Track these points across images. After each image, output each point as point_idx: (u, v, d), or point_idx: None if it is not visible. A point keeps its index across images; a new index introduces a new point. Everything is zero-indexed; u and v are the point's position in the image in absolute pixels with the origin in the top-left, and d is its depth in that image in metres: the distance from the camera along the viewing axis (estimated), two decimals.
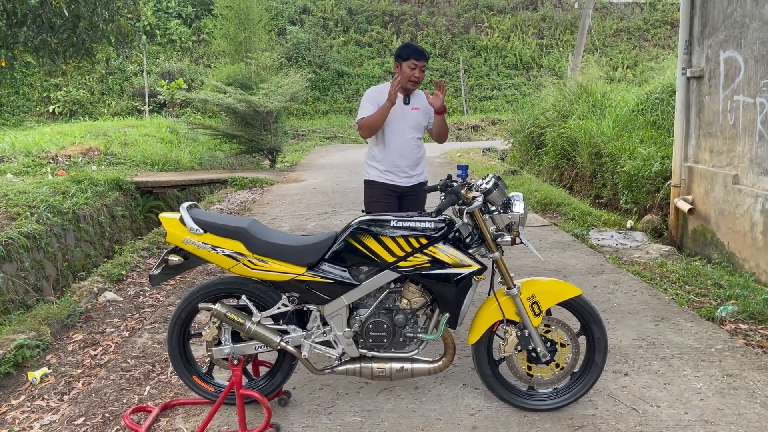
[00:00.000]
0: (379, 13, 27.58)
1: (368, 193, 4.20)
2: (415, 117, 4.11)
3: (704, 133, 5.90)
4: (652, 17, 27.61)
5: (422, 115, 4.15)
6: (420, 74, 3.98)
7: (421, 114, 4.14)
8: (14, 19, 6.98)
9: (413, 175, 4.15)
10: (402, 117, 4.06)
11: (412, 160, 4.11)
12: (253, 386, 3.08)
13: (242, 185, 10.84)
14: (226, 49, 21.43)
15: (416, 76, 3.96)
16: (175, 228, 2.91)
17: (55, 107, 21.34)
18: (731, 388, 3.21)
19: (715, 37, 5.63)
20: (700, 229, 5.96)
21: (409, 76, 3.95)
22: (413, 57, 3.94)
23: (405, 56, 3.96)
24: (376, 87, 4.19)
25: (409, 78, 3.95)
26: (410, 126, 4.10)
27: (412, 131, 4.12)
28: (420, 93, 4.20)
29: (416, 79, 3.97)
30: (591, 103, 10.84)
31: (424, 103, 4.15)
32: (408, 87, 4.01)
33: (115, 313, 4.97)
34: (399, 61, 4.02)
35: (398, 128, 4.06)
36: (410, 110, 4.09)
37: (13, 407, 3.50)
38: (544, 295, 2.93)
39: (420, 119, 4.14)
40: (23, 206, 6.66)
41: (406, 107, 4.08)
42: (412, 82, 3.98)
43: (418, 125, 4.14)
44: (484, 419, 2.98)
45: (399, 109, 4.06)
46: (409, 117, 4.09)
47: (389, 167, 4.08)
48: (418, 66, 3.95)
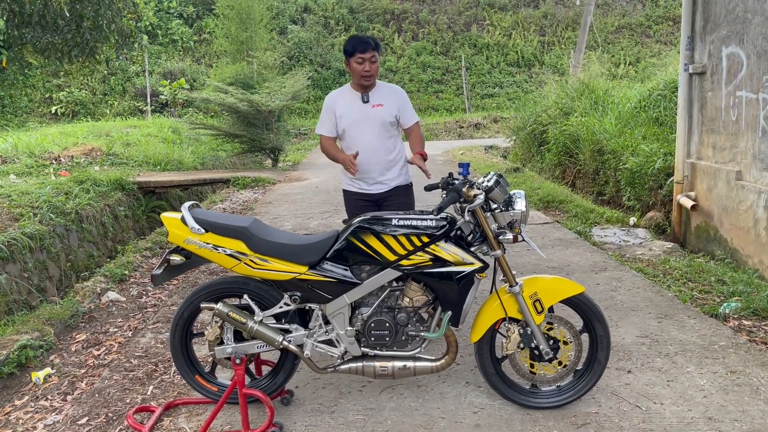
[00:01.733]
0: (380, 12, 27.57)
1: (345, 203, 3.98)
2: (379, 115, 3.70)
3: (707, 130, 5.88)
4: (653, 13, 27.54)
5: (387, 111, 3.72)
6: (371, 66, 3.59)
7: (385, 110, 3.71)
8: (19, 19, 7.00)
9: (384, 181, 3.79)
10: (362, 119, 3.69)
11: (381, 164, 3.75)
12: (256, 385, 3.08)
13: (244, 185, 10.85)
14: (227, 49, 21.45)
15: (366, 70, 3.58)
16: (176, 228, 2.91)
17: (57, 108, 21.38)
18: (735, 384, 3.20)
19: (718, 32, 5.61)
20: (703, 225, 5.94)
21: (359, 72, 3.59)
22: (359, 50, 3.57)
23: (350, 51, 3.60)
24: (333, 93, 3.83)
25: (360, 74, 3.60)
26: (374, 127, 3.70)
27: (378, 131, 3.71)
28: (382, 85, 3.80)
29: (367, 73, 3.60)
30: (593, 100, 10.82)
31: (388, 97, 3.74)
32: (362, 83, 3.66)
33: (118, 313, 4.98)
34: (347, 57, 3.66)
35: (359, 132, 3.70)
36: (371, 108, 3.69)
37: (16, 407, 3.51)
38: (547, 292, 2.92)
39: (385, 116, 3.71)
40: (26, 207, 6.68)
41: (366, 106, 3.69)
42: (364, 77, 3.61)
43: (383, 123, 3.72)
44: (487, 417, 2.97)
45: (357, 109, 3.70)
46: (371, 117, 3.70)
47: (358, 174, 3.72)
48: (366, 58, 3.57)
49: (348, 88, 3.80)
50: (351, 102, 3.74)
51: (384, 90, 3.79)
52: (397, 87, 3.89)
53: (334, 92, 3.84)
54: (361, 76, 3.62)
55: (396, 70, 25.54)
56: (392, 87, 3.86)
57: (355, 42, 3.62)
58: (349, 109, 3.72)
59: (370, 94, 3.72)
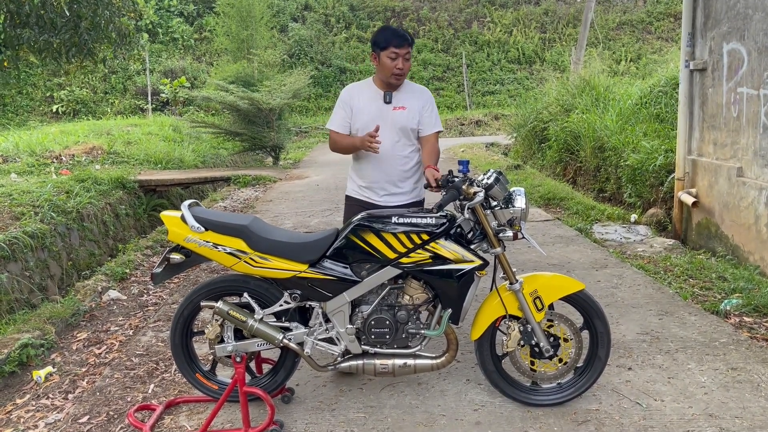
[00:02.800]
0: (380, 9, 27.52)
1: (346, 210, 3.59)
2: (400, 119, 3.35)
3: (708, 126, 5.87)
4: (655, 10, 27.47)
5: (409, 115, 3.36)
6: (404, 64, 3.26)
7: (407, 115, 3.35)
8: (17, 19, 7.00)
9: (396, 193, 3.44)
10: (381, 120, 3.31)
11: (394, 174, 3.40)
12: (256, 383, 3.09)
13: (245, 183, 10.85)
14: (228, 47, 21.41)
15: (399, 67, 3.25)
16: (176, 226, 2.91)
17: (58, 107, 21.38)
18: (736, 381, 3.20)
19: (718, 29, 5.59)
20: (704, 222, 5.93)
21: (390, 68, 3.25)
22: (393, 44, 3.23)
23: (383, 44, 3.25)
24: (353, 86, 3.51)
25: (392, 71, 3.26)
26: (393, 131, 3.34)
27: (396, 137, 3.36)
28: (409, 85, 3.45)
29: (399, 71, 3.26)
30: (594, 96, 10.80)
31: (413, 100, 3.39)
32: (391, 82, 3.32)
33: (119, 312, 4.99)
34: (376, 50, 3.30)
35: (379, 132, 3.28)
36: (392, 110, 3.34)
37: (18, 406, 3.52)
38: (547, 290, 2.92)
39: (406, 121, 3.36)
40: (27, 206, 6.68)
41: (387, 107, 3.35)
42: (396, 75, 3.27)
43: (404, 129, 3.37)
44: (488, 415, 2.97)
45: (376, 109, 3.35)
46: (391, 120, 3.34)
47: (367, 182, 3.46)
48: (400, 54, 3.24)
49: (369, 83, 3.45)
50: (371, 99, 3.39)
51: (410, 91, 3.43)
52: (425, 89, 3.54)
53: (353, 85, 3.52)
54: (392, 73, 3.27)
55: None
56: (420, 89, 3.51)
57: (388, 34, 3.27)
58: (368, 106, 3.37)
59: (394, 94, 3.37)
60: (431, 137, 3.45)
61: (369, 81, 3.48)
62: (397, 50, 3.24)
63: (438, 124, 3.48)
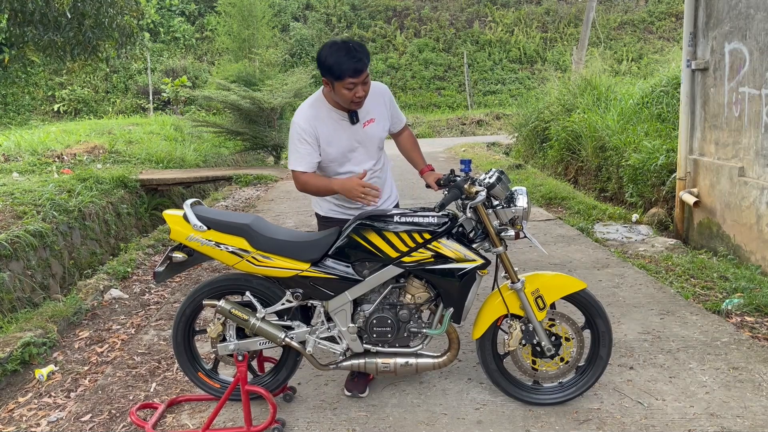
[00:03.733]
0: (382, 9, 27.52)
1: (322, 228, 3.32)
2: (374, 133, 3.09)
3: (709, 126, 5.87)
4: (656, 9, 27.45)
5: (380, 125, 3.10)
6: (363, 90, 2.88)
7: (378, 126, 3.09)
8: (21, 18, 7.01)
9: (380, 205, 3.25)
10: (356, 144, 3.06)
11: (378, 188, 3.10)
12: (258, 382, 3.09)
13: (247, 182, 10.86)
14: (229, 47, 21.44)
15: (359, 95, 2.88)
16: (178, 225, 2.92)
17: (59, 106, 21.41)
18: (737, 380, 3.20)
19: (720, 28, 5.59)
20: (705, 221, 5.93)
21: (349, 98, 2.87)
22: (348, 76, 2.80)
23: (337, 74, 2.80)
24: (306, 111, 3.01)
25: (350, 100, 2.89)
26: (370, 150, 3.10)
27: (374, 156, 3.12)
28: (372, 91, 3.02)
29: (360, 98, 2.90)
30: (595, 96, 10.80)
31: (377, 106, 3.09)
32: (353, 108, 2.98)
33: (121, 311, 5.00)
34: (329, 78, 2.86)
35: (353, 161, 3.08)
36: (363, 128, 3.06)
37: (20, 404, 3.53)
38: (549, 289, 2.92)
39: (380, 132, 3.12)
40: (29, 205, 6.69)
41: (356, 127, 3.03)
42: (356, 103, 2.93)
43: (380, 141, 3.15)
44: (489, 413, 2.98)
45: (347, 136, 3.02)
46: (367, 138, 3.08)
47: (340, 201, 3.22)
48: (358, 83, 2.84)
49: (323, 103, 3.02)
50: (336, 125, 3.02)
51: (369, 97, 3.02)
52: (379, 85, 3.18)
53: (306, 111, 3.01)
54: (351, 101, 2.90)
55: (398, 67, 25.51)
56: (377, 89, 3.14)
57: (342, 61, 2.79)
58: (336, 134, 3.02)
59: (358, 110, 3.02)
60: (402, 130, 3.34)
61: (321, 100, 3.03)
62: (354, 80, 2.82)
63: (402, 115, 3.32)
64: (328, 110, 3.03)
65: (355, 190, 2.87)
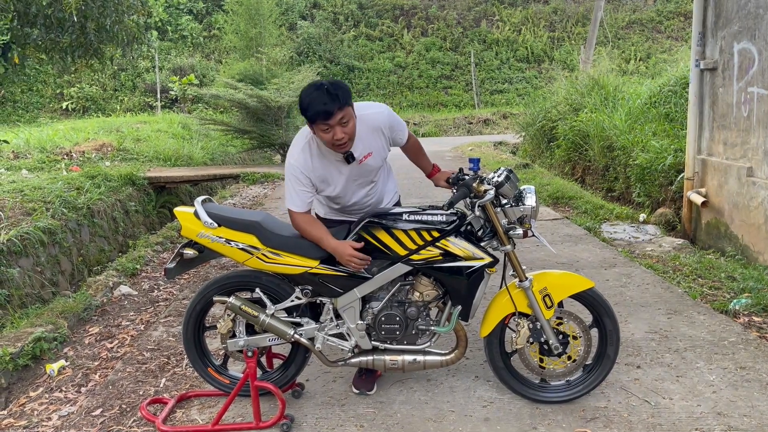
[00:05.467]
0: (389, 7, 27.52)
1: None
2: (373, 165, 3.05)
3: (718, 126, 5.86)
4: (665, 9, 27.35)
5: (378, 156, 3.04)
6: (342, 130, 2.77)
7: (375, 158, 3.03)
8: (25, 19, 7.04)
9: None
10: (355, 181, 3.05)
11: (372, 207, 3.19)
12: (267, 378, 3.12)
13: (254, 180, 10.89)
14: (236, 45, 21.49)
15: (338, 138, 2.77)
16: (189, 222, 2.94)
17: (68, 104, 21.51)
18: (744, 380, 3.20)
19: (729, 28, 5.58)
20: (713, 222, 5.92)
21: (329, 141, 2.80)
22: (319, 120, 2.73)
23: (311, 118, 2.77)
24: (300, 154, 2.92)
25: (332, 143, 2.81)
26: (368, 182, 3.11)
27: (370, 184, 3.14)
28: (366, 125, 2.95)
29: (339, 140, 2.79)
30: (603, 96, 10.77)
31: (375, 140, 3.00)
32: (338, 152, 2.88)
33: (130, 307, 5.03)
34: (308, 123, 2.85)
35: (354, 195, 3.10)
36: (359, 165, 2.99)
37: (31, 399, 3.56)
38: (556, 287, 2.93)
39: (379, 162, 3.08)
40: (38, 202, 6.73)
41: (353, 165, 2.97)
42: (338, 145, 2.82)
43: (381, 168, 3.16)
44: (496, 411, 2.99)
45: (344, 174, 3.00)
46: (365, 173, 3.06)
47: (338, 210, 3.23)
48: (333, 125, 2.75)
49: (315, 148, 2.95)
50: (331, 166, 2.97)
51: (363, 132, 2.94)
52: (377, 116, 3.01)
53: (299, 155, 2.93)
54: (333, 144, 2.82)
55: (405, 66, 25.52)
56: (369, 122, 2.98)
57: (313, 104, 2.72)
58: (332, 177, 2.99)
59: (353, 150, 2.91)
60: (410, 139, 3.26)
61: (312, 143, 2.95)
62: (327, 122, 2.74)
63: (404, 125, 3.19)
64: (319, 154, 2.96)
65: (346, 258, 2.83)
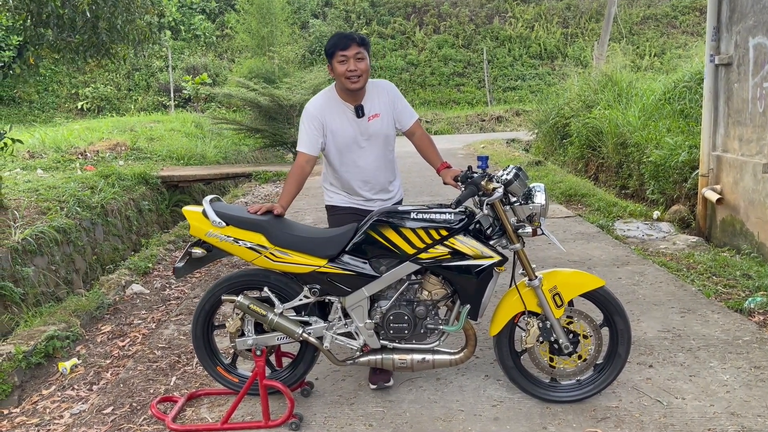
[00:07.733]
0: (401, 5, 27.45)
1: (333, 221, 3.40)
2: (379, 128, 3.19)
3: (733, 122, 5.78)
4: (680, 4, 27.02)
5: (385, 121, 3.19)
6: (356, 65, 3.02)
7: (383, 121, 3.18)
8: (38, 19, 7.09)
9: (386, 199, 3.35)
10: (360, 138, 3.18)
11: (377, 184, 3.30)
12: (276, 377, 3.12)
13: (266, 179, 10.93)
14: (248, 44, 21.55)
15: (350, 69, 3.00)
16: (198, 221, 2.95)
17: (83, 104, 21.69)
18: (759, 380, 3.15)
19: (744, 23, 5.49)
20: (728, 219, 5.84)
21: (342, 73, 3.02)
22: (339, 47, 3.01)
23: (330, 50, 3.05)
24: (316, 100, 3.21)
25: (344, 75, 3.02)
26: (375, 146, 3.21)
27: (380, 150, 3.23)
28: (372, 86, 3.19)
29: (351, 72, 3.01)
30: (616, 92, 10.67)
31: (382, 104, 3.18)
32: (349, 87, 3.07)
33: (142, 306, 5.07)
34: (329, 60, 3.09)
35: (359, 155, 3.20)
36: (367, 122, 3.15)
37: (44, 397, 3.60)
38: (566, 286, 2.91)
39: (385, 128, 3.20)
40: (53, 201, 6.80)
41: (361, 121, 3.14)
42: (349, 78, 3.03)
43: (386, 137, 3.24)
44: (506, 410, 2.97)
45: (351, 127, 3.16)
46: (371, 134, 3.19)
47: (354, 192, 3.32)
48: (350, 56, 3.01)
49: (333, 96, 3.19)
50: (342, 116, 3.17)
51: (375, 93, 3.21)
52: (386, 83, 3.33)
53: (318, 99, 3.21)
54: (345, 77, 3.02)
55: (417, 64, 25.44)
56: (382, 86, 3.29)
57: (334, 39, 3.07)
58: (342, 125, 3.16)
59: (363, 103, 3.14)
60: (415, 127, 3.34)
61: (332, 93, 3.21)
62: (344, 52, 3.01)
63: (413, 112, 3.35)
64: (336, 101, 3.19)
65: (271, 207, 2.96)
